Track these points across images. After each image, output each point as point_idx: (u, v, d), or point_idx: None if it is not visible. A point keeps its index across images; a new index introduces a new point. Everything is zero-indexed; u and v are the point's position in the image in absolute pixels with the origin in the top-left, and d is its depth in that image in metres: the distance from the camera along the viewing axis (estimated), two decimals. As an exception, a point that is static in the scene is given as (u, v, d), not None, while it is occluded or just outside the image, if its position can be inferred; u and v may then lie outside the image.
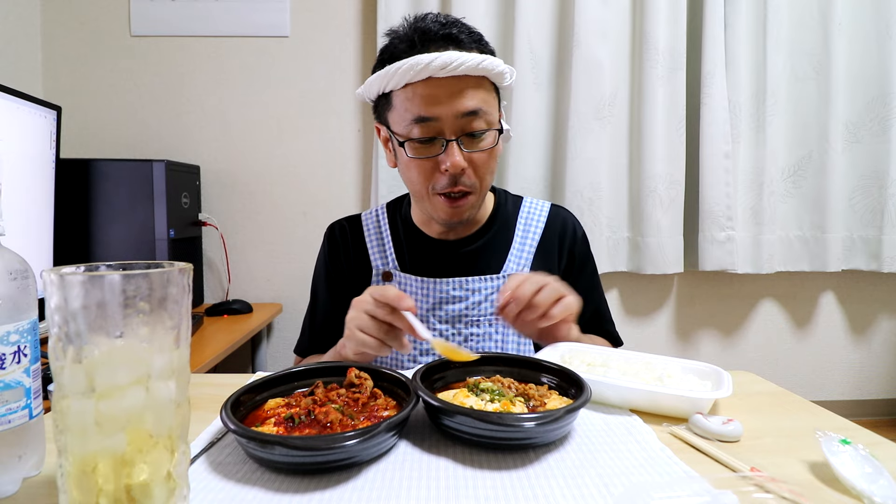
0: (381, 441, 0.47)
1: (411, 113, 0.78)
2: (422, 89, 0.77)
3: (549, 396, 0.57)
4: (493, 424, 0.47)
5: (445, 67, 0.74)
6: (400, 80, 0.77)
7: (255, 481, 0.44)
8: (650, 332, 2.04)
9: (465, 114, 0.77)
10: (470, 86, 0.77)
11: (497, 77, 0.80)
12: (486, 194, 0.88)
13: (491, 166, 0.83)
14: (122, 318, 0.34)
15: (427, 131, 0.78)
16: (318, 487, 0.43)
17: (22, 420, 0.42)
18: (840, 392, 2.11)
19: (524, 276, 0.73)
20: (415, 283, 0.89)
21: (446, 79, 0.76)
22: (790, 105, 1.92)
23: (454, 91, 0.76)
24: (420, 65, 0.74)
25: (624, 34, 1.86)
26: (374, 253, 0.94)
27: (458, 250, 0.91)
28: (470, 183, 0.81)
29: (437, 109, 0.77)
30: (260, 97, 1.88)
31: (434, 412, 0.52)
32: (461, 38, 0.79)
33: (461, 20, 0.82)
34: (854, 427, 0.57)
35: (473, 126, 0.79)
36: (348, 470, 0.46)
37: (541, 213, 0.96)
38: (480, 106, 0.78)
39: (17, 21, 1.72)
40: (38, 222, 1.22)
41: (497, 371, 0.64)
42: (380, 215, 0.97)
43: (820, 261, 1.94)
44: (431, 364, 0.61)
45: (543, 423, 0.47)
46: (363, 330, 0.67)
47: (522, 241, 0.93)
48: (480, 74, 0.78)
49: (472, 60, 0.75)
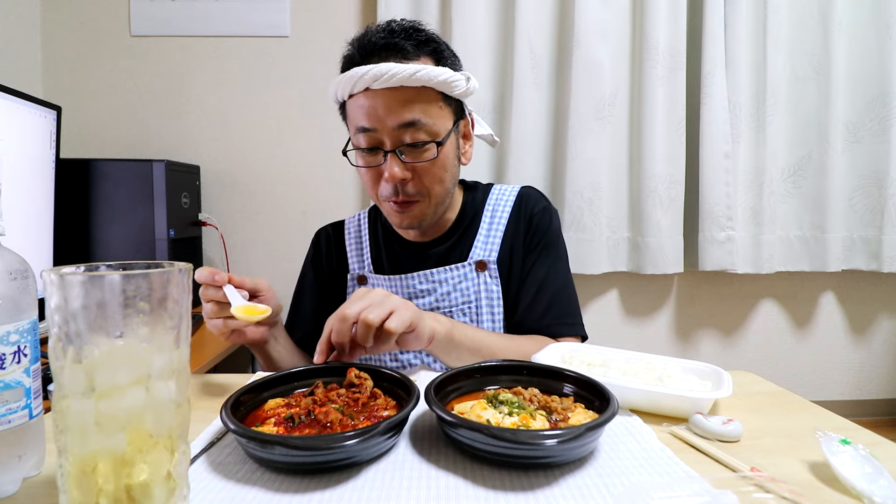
0: (381, 441, 0.47)
1: (354, 123, 0.79)
2: (362, 101, 0.77)
3: (573, 409, 0.54)
4: (508, 442, 0.44)
5: (378, 79, 0.74)
6: (344, 91, 0.78)
7: (255, 481, 0.44)
8: (650, 332, 2.04)
9: (401, 125, 0.76)
10: (408, 97, 0.76)
11: (443, 86, 0.77)
12: (443, 199, 0.85)
13: (438, 175, 0.81)
14: (122, 318, 0.34)
15: (369, 141, 0.79)
16: (318, 487, 0.43)
17: (22, 420, 0.42)
18: (840, 392, 2.10)
19: (337, 312, 0.64)
20: (385, 282, 0.91)
21: (384, 90, 0.75)
22: (790, 105, 1.92)
23: (391, 102, 0.75)
24: (356, 77, 0.75)
25: (624, 34, 1.86)
26: (352, 257, 0.97)
27: (431, 249, 0.92)
28: (414, 192, 0.81)
29: (375, 121, 0.77)
30: (260, 97, 1.88)
31: (445, 424, 0.50)
32: (404, 46, 0.77)
33: (420, 27, 0.80)
34: (854, 427, 0.57)
35: (411, 138, 0.77)
36: (348, 470, 0.46)
37: (508, 197, 0.94)
38: (418, 117, 0.76)
39: (17, 21, 1.72)
40: (38, 222, 1.22)
41: (517, 381, 0.61)
42: (361, 220, 0.99)
43: (820, 261, 1.94)
44: (446, 374, 0.59)
45: (564, 441, 0.43)
46: (206, 313, 0.70)
47: (489, 227, 0.92)
48: (419, 85, 0.75)
49: (405, 71, 0.73)
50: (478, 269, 0.89)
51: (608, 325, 2.02)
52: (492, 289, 0.88)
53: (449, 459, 0.48)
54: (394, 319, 0.63)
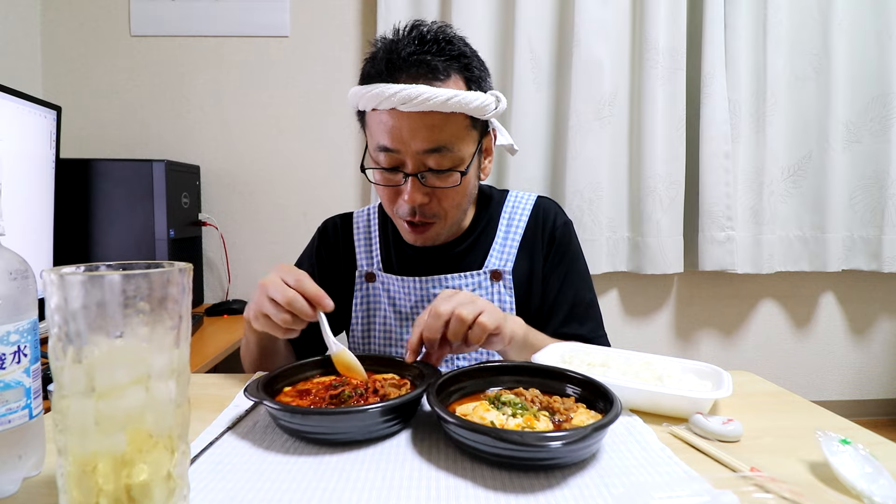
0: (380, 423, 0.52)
1: (376, 140, 0.76)
2: (386, 119, 0.73)
3: (575, 410, 0.54)
4: (514, 444, 0.44)
5: (408, 102, 0.70)
6: (367, 104, 0.74)
7: (255, 481, 0.44)
8: (650, 332, 2.04)
9: (426, 151, 0.73)
10: (436, 122, 0.72)
11: (474, 112, 0.74)
12: (460, 220, 0.85)
13: (458, 200, 0.80)
14: (122, 318, 0.34)
15: (390, 161, 0.76)
16: (318, 487, 0.43)
17: (22, 420, 0.42)
18: (840, 392, 2.10)
19: (427, 310, 0.66)
20: (397, 282, 0.88)
21: (411, 112, 0.71)
22: (790, 105, 1.92)
23: (418, 126, 0.72)
24: (383, 95, 0.71)
25: (624, 34, 1.86)
26: (360, 253, 0.93)
27: (444, 252, 0.90)
28: (432, 213, 0.79)
29: (398, 143, 0.73)
30: (260, 97, 1.88)
31: (448, 426, 0.50)
32: (435, 65, 0.73)
33: (449, 35, 0.77)
34: (854, 427, 0.57)
35: (436, 164, 0.75)
36: (348, 470, 0.46)
37: (525, 206, 0.93)
38: (445, 144, 0.73)
39: (17, 21, 1.72)
40: (38, 222, 1.22)
41: (519, 381, 0.61)
42: (371, 215, 0.96)
43: (820, 261, 1.94)
44: (448, 375, 0.59)
45: (570, 443, 0.43)
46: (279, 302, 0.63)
47: (506, 235, 0.90)
48: (449, 111, 0.72)
49: (437, 97, 0.69)
50: (492, 278, 0.87)
51: (608, 325, 1.97)
52: (505, 299, 0.87)
53: (450, 460, 0.48)
54: (485, 317, 0.64)
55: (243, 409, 0.60)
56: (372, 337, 0.91)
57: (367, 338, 0.92)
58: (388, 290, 0.90)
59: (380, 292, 0.91)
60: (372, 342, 0.91)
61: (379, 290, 0.91)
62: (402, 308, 0.89)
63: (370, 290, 0.91)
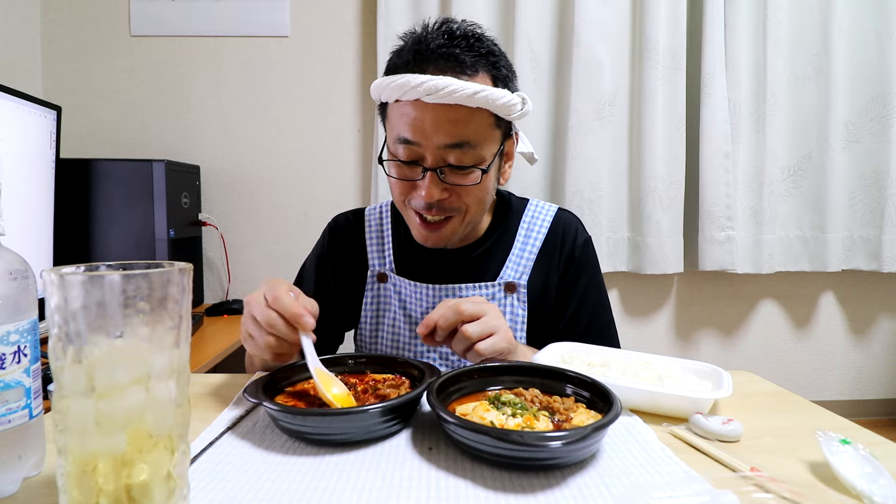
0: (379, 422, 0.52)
1: (396, 131, 0.74)
2: (409, 110, 0.71)
3: (575, 410, 0.53)
4: (514, 444, 0.44)
5: (433, 93, 0.68)
6: (391, 95, 0.73)
7: (255, 481, 0.44)
8: (650, 332, 2.04)
9: (448, 145, 0.72)
10: (461, 116, 0.70)
11: (500, 110, 0.72)
12: (476, 221, 0.82)
13: (476, 197, 0.77)
14: (122, 318, 0.34)
15: (409, 154, 0.74)
16: (318, 486, 0.43)
17: (22, 420, 0.42)
18: (840, 392, 2.11)
19: (455, 301, 0.67)
20: (409, 286, 0.86)
21: (436, 105, 0.69)
22: (790, 105, 1.93)
23: (441, 119, 0.70)
24: (408, 85, 0.69)
25: (624, 34, 1.86)
26: (372, 252, 0.91)
27: (458, 258, 0.87)
28: (451, 207, 0.77)
29: (420, 135, 0.72)
30: (260, 97, 1.88)
31: (448, 426, 0.49)
32: (463, 59, 0.71)
33: (481, 36, 0.75)
34: (854, 427, 0.57)
35: (456, 160, 0.73)
36: (347, 469, 0.46)
37: (545, 218, 0.90)
38: (468, 139, 0.72)
39: (17, 21, 1.72)
40: (38, 222, 1.22)
41: (518, 381, 0.60)
42: (384, 214, 0.93)
43: (820, 261, 1.94)
44: (448, 375, 0.58)
45: (570, 443, 0.43)
46: (261, 323, 0.60)
47: (523, 247, 0.88)
48: (475, 106, 0.70)
49: (464, 90, 0.68)
50: (507, 290, 0.85)
51: (608, 325, 2.02)
52: (517, 312, 0.85)
53: (449, 459, 0.48)
54: (487, 342, 0.65)
55: (243, 409, 0.60)
56: (380, 337, 0.90)
57: (375, 338, 0.91)
58: (400, 293, 0.88)
59: (391, 294, 0.89)
60: (379, 343, 0.90)
61: (390, 291, 0.89)
62: (412, 312, 0.88)
63: (381, 291, 0.90)
